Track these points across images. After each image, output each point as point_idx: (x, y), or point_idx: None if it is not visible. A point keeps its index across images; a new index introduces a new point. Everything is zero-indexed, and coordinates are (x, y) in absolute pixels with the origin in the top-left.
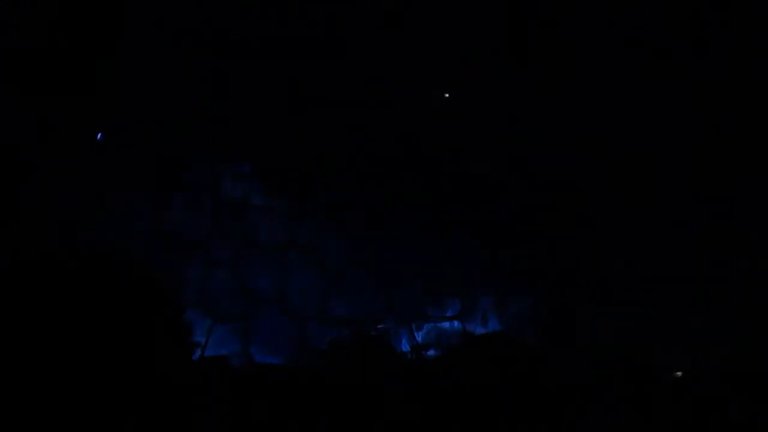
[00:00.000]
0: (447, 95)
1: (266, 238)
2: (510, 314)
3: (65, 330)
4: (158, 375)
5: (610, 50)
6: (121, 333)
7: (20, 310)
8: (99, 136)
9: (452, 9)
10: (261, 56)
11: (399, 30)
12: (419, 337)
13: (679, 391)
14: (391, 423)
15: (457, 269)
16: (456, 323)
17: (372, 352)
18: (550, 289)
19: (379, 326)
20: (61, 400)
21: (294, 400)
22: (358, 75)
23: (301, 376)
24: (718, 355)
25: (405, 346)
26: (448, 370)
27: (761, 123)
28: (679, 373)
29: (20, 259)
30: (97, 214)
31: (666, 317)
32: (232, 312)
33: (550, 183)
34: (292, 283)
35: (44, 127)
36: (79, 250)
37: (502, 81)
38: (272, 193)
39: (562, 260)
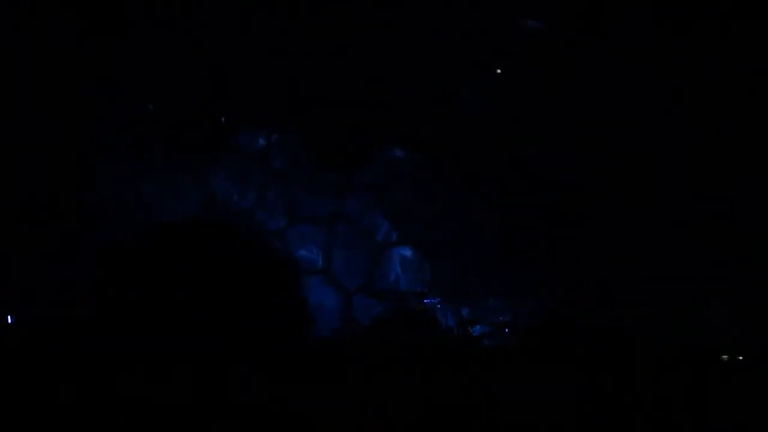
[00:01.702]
0: (499, 71)
1: (315, 210)
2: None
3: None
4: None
5: (611, 50)
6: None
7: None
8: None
9: (452, 8)
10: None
11: (406, 23)
12: (465, 312)
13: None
14: (434, 398)
15: (506, 248)
16: (499, 300)
17: (417, 326)
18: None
19: (424, 300)
20: None
21: (338, 373)
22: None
23: (346, 349)
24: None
25: (450, 321)
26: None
27: (761, 123)
28: (725, 357)
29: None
30: (145, 187)
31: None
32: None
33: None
34: (338, 256)
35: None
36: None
37: (503, 80)
38: (321, 165)
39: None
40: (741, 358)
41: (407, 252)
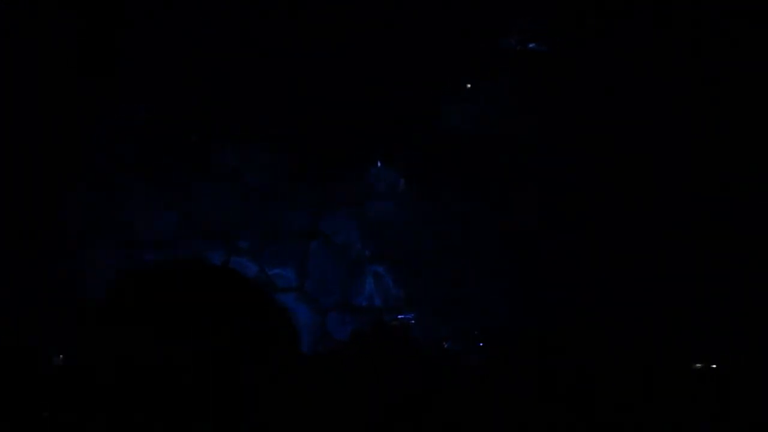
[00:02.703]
0: (469, 86)
1: (289, 227)
2: (524, 308)
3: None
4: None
5: (611, 49)
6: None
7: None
8: None
9: (451, 8)
10: (285, 41)
11: (401, 27)
12: (441, 328)
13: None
14: (408, 413)
15: (478, 262)
16: (475, 314)
17: (392, 342)
18: (556, 285)
19: (399, 316)
20: None
21: (315, 390)
22: (384, 64)
23: (321, 366)
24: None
25: (426, 337)
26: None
27: (761, 123)
28: (699, 365)
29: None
30: (120, 205)
31: (666, 317)
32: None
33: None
34: (313, 273)
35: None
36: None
37: (501, 80)
38: (296, 182)
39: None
40: (714, 366)
41: (381, 268)
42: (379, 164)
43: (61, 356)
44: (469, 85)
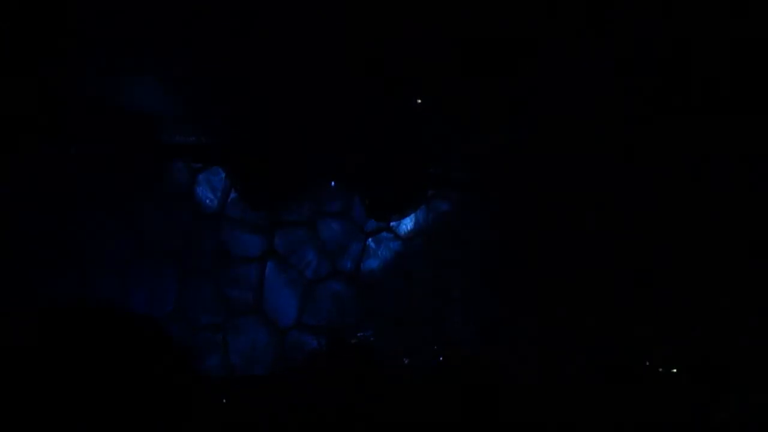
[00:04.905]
0: (419, 101)
1: (243, 248)
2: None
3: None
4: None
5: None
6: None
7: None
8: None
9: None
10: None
11: (393, 30)
12: (399, 343)
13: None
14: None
15: (437, 275)
16: (432, 330)
17: (352, 360)
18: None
19: (358, 334)
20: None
21: (276, 412)
22: (344, 83)
23: (282, 387)
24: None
25: (385, 353)
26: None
27: (761, 124)
28: (661, 369)
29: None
30: (68, 229)
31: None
32: (210, 324)
33: (542, 185)
34: (270, 294)
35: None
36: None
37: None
38: (249, 204)
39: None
40: (675, 370)
41: (338, 286)
42: (332, 183)
43: None
44: (420, 101)
